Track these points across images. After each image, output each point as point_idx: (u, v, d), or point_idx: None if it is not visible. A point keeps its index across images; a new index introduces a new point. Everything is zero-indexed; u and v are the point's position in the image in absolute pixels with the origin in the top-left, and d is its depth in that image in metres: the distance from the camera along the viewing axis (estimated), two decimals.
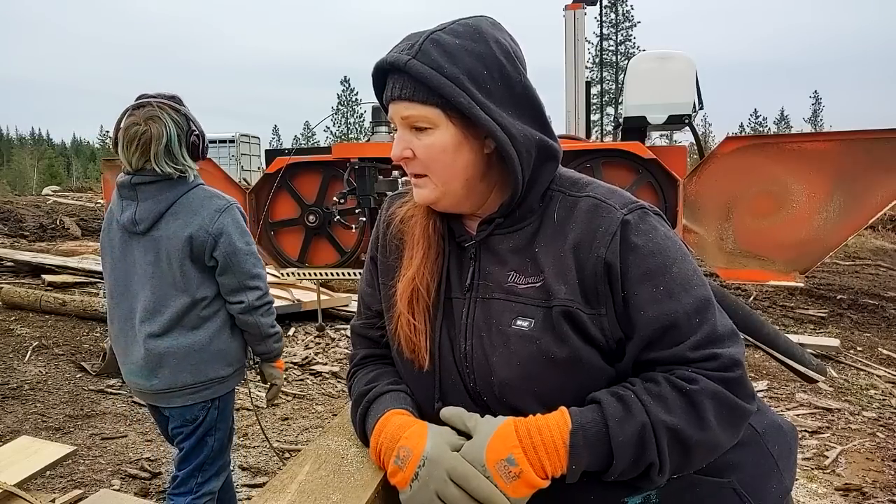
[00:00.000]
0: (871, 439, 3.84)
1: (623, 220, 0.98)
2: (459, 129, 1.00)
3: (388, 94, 1.02)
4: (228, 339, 2.19)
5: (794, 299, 7.73)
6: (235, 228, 2.12)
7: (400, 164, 1.08)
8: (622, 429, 0.90)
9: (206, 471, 2.21)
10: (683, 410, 0.91)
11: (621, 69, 41.21)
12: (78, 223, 12.58)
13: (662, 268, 0.96)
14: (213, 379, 2.16)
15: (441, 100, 0.97)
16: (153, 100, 2.09)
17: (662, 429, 0.90)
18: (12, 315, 5.96)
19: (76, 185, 26.89)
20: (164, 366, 2.09)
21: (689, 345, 0.94)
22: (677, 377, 0.93)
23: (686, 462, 0.93)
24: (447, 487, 0.90)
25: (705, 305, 0.96)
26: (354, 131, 65.67)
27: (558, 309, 0.97)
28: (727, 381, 0.93)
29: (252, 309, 2.16)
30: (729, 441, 0.95)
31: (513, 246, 1.04)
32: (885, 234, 12.88)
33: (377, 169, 3.92)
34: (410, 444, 0.95)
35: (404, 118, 1.01)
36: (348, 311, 6.53)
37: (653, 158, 3.74)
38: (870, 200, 3.54)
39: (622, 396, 0.93)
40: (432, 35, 0.99)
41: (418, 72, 0.96)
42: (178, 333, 2.10)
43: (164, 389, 2.12)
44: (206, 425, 2.19)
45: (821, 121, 69.07)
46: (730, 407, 0.92)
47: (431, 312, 1.09)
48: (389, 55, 1.00)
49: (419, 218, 1.12)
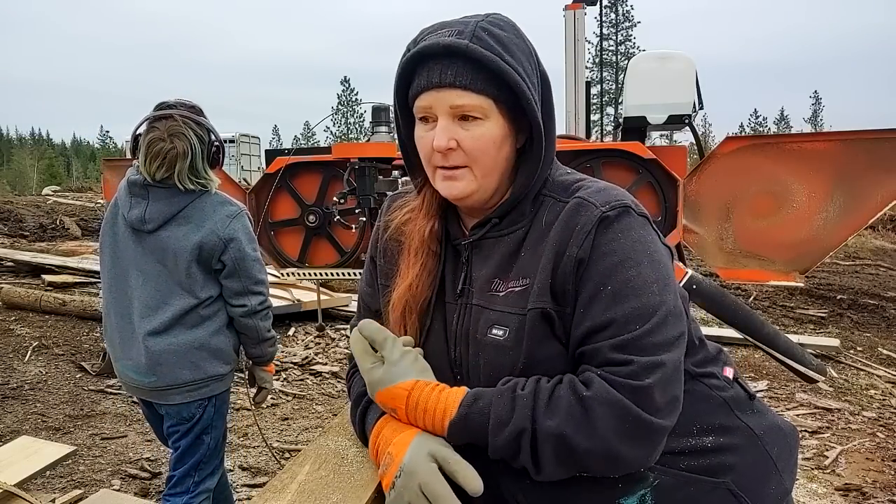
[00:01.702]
0: (871, 439, 3.84)
1: (601, 217, 0.96)
2: (506, 121, 1.00)
3: (436, 80, 0.96)
4: (226, 338, 2.21)
5: (794, 299, 7.73)
6: (245, 235, 2.17)
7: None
8: (500, 432, 0.91)
9: (202, 469, 2.21)
10: (573, 417, 0.88)
11: (621, 69, 41.20)
12: (78, 223, 12.57)
13: (617, 269, 0.93)
14: (213, 376, 2.17)
15: (495, 90, 0.96)
16: (176, 112, 2.10)
17: (546, 435, 0.89)
18: (12, 315, 5.96)
19: (76, 185, 26.86)
20: (163, 363, 2.10)
21: (613, 343, 0.91)
22: (581, 380, 0.91)
23: (578, 467, 0.91)
24: (420, 501, 0.90)
25: (651, 313, 0.91)
26: (354, 131, 65.65)
27: (535, 311, 0.96)
28: (633, 389, 0.87)
29: (253, 313, 2.19)
30: (633, 453, 0.89)
31: (502, 250, 1.04)
32: (885, 234, 12.87)
33: (377, 169, 3.92)
34: (394, 451, 0.96)
35: (455, 107, 0.96)
36: (348, 311, 6.53)
37: (653, 158, 3.74)
38: (870, 200, 3.54)
39: (515, 398, 0.92)
40: (481, 23, 0.97)
41: (482, 56, 0.93)
42: (178, 331, 2.11)
43: (163, 386, 2.12)
44: (203, 424, 2.19)
45: (821, 121, 69.08)
46: (630, 419, 0.87)
47: (423, 321, 1.09)
48: (441, 39, 0.95)
49: (418, 224, 1.11)
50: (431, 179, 1.05)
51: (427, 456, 0.93)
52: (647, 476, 0.96)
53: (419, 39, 0.99)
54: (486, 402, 0.94)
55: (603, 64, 41.27)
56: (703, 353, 1.09)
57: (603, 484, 0.96)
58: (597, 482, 0.95)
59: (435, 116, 0.98)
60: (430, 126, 1.00)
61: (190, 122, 2.10)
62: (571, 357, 0.97)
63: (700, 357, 1.08)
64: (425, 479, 0.91)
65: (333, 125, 66.88)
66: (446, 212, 1.12)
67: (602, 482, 0.95)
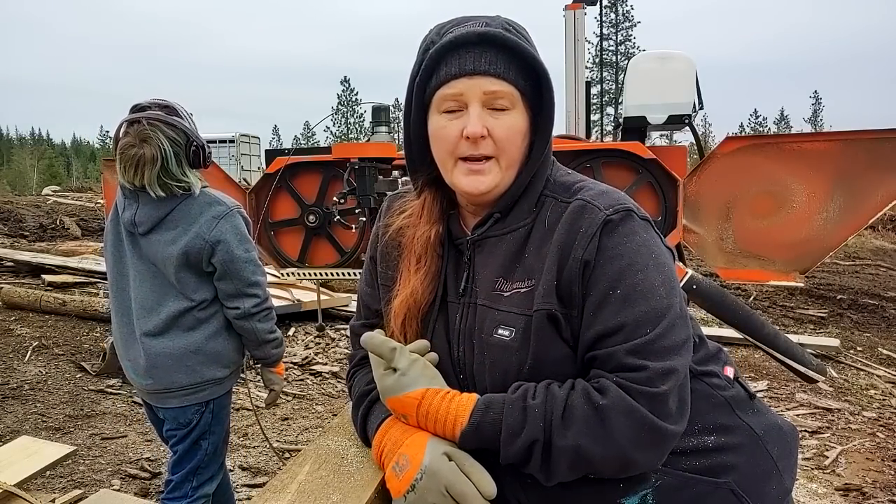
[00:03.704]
0: (871, 439, 3.84)
1: (605, 220, 0.96)
2: (528, 114, 1.01)
3: (470, 67, 0.96)
4: (225, 341, 2.16)
5: (794, 299, 7.73)
6: (234, 236, 2.08)
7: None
8: (512, 443, 0.91)
9: (200, 475, 2.18)
10: (589, 427, 0.88)
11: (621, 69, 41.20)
12: (78, 223, 12.57)
13: (625, 272, 0.94)
14: (210, 380, 2.13)
15: (524, 81, 0.98)
16: (144, 116, 2.01)
17: (563, 449, 0.89)
18: (12, 315, 5.96)
19: (76, 185, 26.86)
20: (159, 366, 2.07)
21: (626, 348, 0.91)
22: (595, 387, 0.91)
23: (589, 472, 0.92)
24: (445, 502, 0.90)
25: (660, 316, 0.92)
26: (354, 131, 65.63)
27: (541, 313, 0.96)
28: (648, 395, 0.88)
29: (248, 315, 2.12)
30: (646, 459, 0.90)
31: (504, 250, 1.04)
32: (885, 234, 12.87)
33: (377, 169, 3.92)
34: (410, 452, 0.95)
35: (489, 93, 0.97)
36: (348, 311, 6.53)
37: (653, 158, 3.74)
38: (870, 200, 3.54)
39: (526, 408, 0.92)
40: (502, 19, 1.00)
41: (516, 45, 0.96)
42: (174, 334, 2.08)
43: (160, 390, 2.10)
44: (200, 429, 2.16)
45: (821, 121, 69.09)
46: (646, 426, 0.88)
47: (425, 322, 1.09)
48: (474, 28, 0.97)
49: (421, 230, 1.10)
50: (449, 174, 1.03)
51: (445, 456, 0.93)
52: (649, 476, 0.97)
53: (444, 32, 1.00)
54: (498, 411, 0.93)
55: (603, 64, 41.27)
56: (704, 351, 1.09)
57: (605, 485, 0.96)
58: (599, 483, 0.95)
59: (464, 104, 0.98)
60: (455, 116, 0.99)
61: (158, 125, 1.99)
62: (580, 360, 0.97)
63: (701, 355, 1.08)
64: (450, 480, 0.90)
65: (333, 125, 66.95)
66: (447, 213, 1.12)
67: (604, 483, 0.95)
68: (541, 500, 1.01)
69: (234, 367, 2.23)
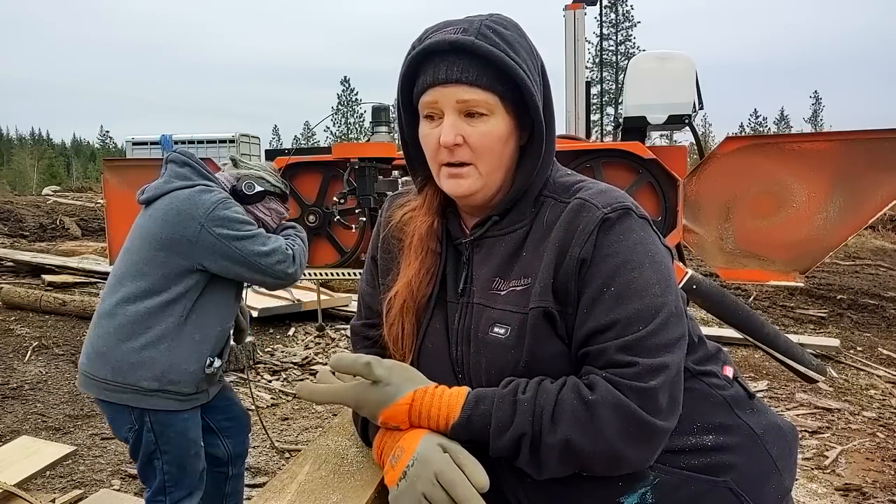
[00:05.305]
0: (871, 439, 3.84)
1: (603, 218, 0.97)
2: (511, 118, 1.01)
3: (442, 76, 0.96)
4: (165, 353, 1.98)
5: (794, 299, 7.73)
6: (227, 223, 2.03)
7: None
8: (501, 436, 0.92)
9: (171, 493, 2.06)
10: (578, 421, 0.89)
11: (621, 69, 41.22)
12: (78, 223, 12.58)
13: (620, 270, 0.94)
14: (131, 385, 1.96)
15: (501, 87, 0.97)
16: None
17: (552, 443, 0.89)
18: (12, 315, 5.96)
19: (76, 185, 26.86)
20: (94, 348, 2.01)
21: (617, 345, 0.91)
22: (585, 383, 0.92)
23: (579, 468, 0.92)
24: (434, 490, 0.89)
25: (654, 314, 0.92)
26: (354, 131, 65.62)
27: (537, 311, 0.96)
28: (637, 390, 0.88)
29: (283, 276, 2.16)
30: (636, 455, 0.90)
31: (503, 250, 1.04)
32: (885, 234, 12.88)
33: (377, 169, 3.92)
34: (405, 444, 0.96)
35: (462, 101, 0.97)
36: (348, 311, 6.53)
37: (653, 158, 3.74)
38: (870, 200, 3.54)
39: (516, 402, 0.92)
40: (486, 21, 0.98)
41: (488, 52, 0.95)
42: (120, 319, 1.98)
43: (85, 372, 2.03)
44: (146, 448, 2.02)
45: (821, 121, 69.02)
46: (634, 421, 0.88)
47: (421, 320, 1.09)
48: (447, 36, 0.96)
49: (419, 223, 1.11)
50: (436, 177, 1.05)
51: (439, 447, 0.94)
52: (647, 474, 0.97)
53: (424, 37, 1.00)
54: (488, 405, 0.94)
55: (603, 64, 41.30)
56: (703, 350, 1.10)
57: (604, 482, 0.96)
58: (598, 481, 0.95)
59: (441, 113, 0.99)
60: (435, 123, 1.00)
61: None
62: (574, 357, 0.97)
63: (700, 355, 1.08)
64: (440, 467, 0.90)
65: (333, 125, 66.92)
66: (447, 211, 1.12)
67: (603, 481, 0.96)
68: (541, 499, 1.01)
69: (174, 390, 2.01)
